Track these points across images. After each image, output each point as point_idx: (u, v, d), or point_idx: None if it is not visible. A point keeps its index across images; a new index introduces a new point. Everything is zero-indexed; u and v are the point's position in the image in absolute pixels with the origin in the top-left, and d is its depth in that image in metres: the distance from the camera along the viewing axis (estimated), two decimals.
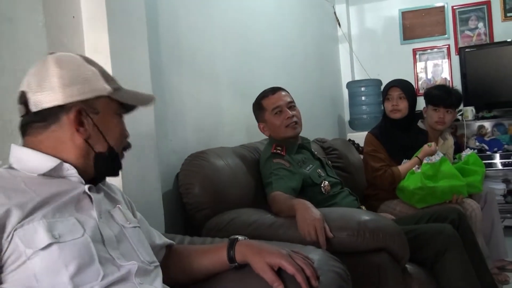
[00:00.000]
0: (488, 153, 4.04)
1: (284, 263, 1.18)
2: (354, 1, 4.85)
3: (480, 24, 4.46)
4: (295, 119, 2.20)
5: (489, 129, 4.31)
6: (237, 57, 2.77)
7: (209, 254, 1.30)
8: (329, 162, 2.48)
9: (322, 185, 2.16)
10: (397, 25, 4.74)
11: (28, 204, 0.96)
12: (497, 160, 4.00)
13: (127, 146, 1.20)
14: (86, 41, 1.72)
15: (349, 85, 4.39)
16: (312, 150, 2.36)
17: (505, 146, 4.08)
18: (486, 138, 4.21)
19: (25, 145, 1.09)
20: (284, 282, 1.17)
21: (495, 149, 4.07)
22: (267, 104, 2.22)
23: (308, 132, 2.56)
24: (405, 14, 4.71)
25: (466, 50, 4.27)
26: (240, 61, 2.80)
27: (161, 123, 2.04)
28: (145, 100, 1.21)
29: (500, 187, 4.05)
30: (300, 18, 3.84)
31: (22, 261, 0.93)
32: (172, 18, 2.22)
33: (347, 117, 4.54)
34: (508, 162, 3.97)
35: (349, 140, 3.78)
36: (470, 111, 4.07)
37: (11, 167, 1.07)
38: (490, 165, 3.90)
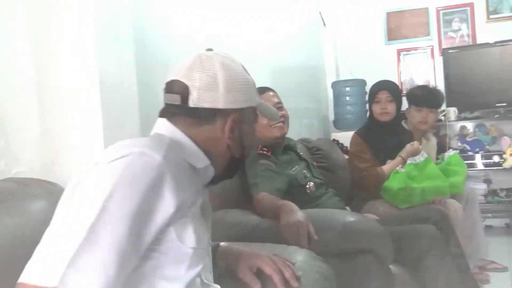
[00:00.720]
0: (470, 153, 4.10)
1: (262, 264, 1.21)
2: (339, 1, 4.86)
3: (463, 26, 4.51)
4: (282, 119, 2.20)
5: (471, 130, 4.36)
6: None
7: None
8: (315, 163, 2.49)
9: (307, 186, 2.17)
10: (381, 25, 4.77)
11: (192, 197, 0.98)
12: (479, 160, 4.06)
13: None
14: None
15: (333, 85, 4.41)
16: (298, 151, 2.37)
17: (487, 146, 4.14)
18: (468, 139, 4.26)
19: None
20: (263, 282, 1.19)
21: (477, 149, 4.13)
22: None
23: (292, 132, 2.56)
24: (389, 15, 4.75)
25: (449, 51, 4.32)
26: None
27: (148, 124, 2.02)
28: (275, 115, 1.30)
29: (481, 187, 4.11)
30: (285, 17, 3.84)
31: (167, 245, 0.94)
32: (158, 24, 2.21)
33: (331, 117, 4.56)
34: (489, 162, 4.03)
35: (334, 140, 3.80)
36: (452, 112, 4.12)
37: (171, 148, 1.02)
38: (472, 165, 3.95)
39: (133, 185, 0.88)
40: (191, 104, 1.05)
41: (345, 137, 3.29)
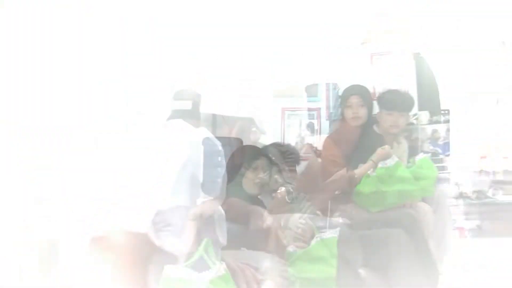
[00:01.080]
0: (441, 156, 4.13)
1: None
2: (311, 2, 4.86)
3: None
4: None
5: (442, 133, 4.40)
6: None
7: None
8: (286, 168, 2.49)
9: (278, 191, 2.17)
10: (355, 29, 4.78)
11: None
12: (449, 163, 4.10)
13: None
14: None
15: (307, 89, 4.40)
16: (270, 155, 2.36)
17: (458, 150, 4.18)
18: (439, 142, 4.30)
19: None
20: None
21: (448, 152, 4.17)
22: None
23: (265, 136, 2.55)
24: (363, 20, 4.77)
25: (422, 55, 4.35)
26: None
27: None
28: (264, 131, 1.60)
29: (452, 189, 4.16)
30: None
31: None
32: None
33: (305, 120, 4.54)
34: (460, 165, 4.07)
35: (307, 143, 3.79)
36: (424, 115, 4.15)
37: None
38: (443, 168, 3.99)
39: (203, 161, 1.09)
40: (202, 110, 1.21)
41: (318, 141, 3.30)
